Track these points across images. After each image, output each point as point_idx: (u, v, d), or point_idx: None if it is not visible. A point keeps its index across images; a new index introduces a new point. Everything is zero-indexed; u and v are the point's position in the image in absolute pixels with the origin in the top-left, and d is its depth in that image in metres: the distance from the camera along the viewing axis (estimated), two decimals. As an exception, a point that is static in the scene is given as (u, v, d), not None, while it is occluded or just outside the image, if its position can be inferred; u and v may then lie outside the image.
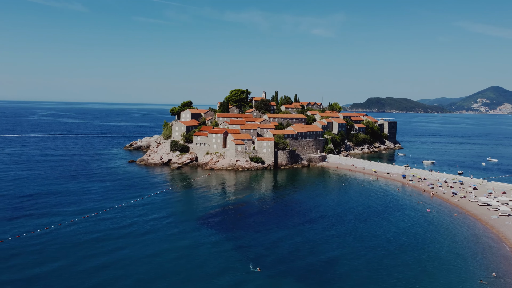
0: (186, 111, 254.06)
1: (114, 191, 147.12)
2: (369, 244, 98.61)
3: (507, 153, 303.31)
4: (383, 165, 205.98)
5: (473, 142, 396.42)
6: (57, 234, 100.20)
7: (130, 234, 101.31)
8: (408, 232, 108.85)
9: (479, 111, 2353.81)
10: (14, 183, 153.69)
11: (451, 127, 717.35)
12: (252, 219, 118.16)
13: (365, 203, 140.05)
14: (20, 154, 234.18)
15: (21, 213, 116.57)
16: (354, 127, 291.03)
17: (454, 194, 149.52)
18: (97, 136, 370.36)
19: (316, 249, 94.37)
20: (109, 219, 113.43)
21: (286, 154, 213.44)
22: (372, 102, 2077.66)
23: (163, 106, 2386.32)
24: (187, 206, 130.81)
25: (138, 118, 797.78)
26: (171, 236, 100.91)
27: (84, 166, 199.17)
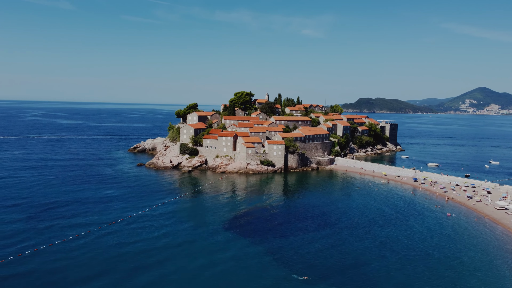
0: (193, 113, 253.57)
1: (134, 197, 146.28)
2: (403, 250, 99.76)
3: (507, 155, 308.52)
4: (392, 168, 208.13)
5: (471, 143, 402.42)
6: (93, 243, 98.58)
7: (169, 245, 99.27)
8: (435, 237, 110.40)
9: (466, 111, 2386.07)
10: (31, 190, 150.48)
11: (444, 128, 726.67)
12: (279, 225, 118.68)
13: (384, 207, 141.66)
14: (26, 157, 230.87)
15: (47, 221, 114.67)
16: (358, 129, 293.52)
17: (469, 198, 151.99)
18: (97, 138, 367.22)
19: (353, 256, 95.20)
20: (140, 227, 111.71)
21: (296, 157, 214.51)
22: (362, 103, 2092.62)
23: (155, 106, 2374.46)
24: (212, 212, 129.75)
25: (132, 119, 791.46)
26: (209, 246, 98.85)
27: (95, 170, 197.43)
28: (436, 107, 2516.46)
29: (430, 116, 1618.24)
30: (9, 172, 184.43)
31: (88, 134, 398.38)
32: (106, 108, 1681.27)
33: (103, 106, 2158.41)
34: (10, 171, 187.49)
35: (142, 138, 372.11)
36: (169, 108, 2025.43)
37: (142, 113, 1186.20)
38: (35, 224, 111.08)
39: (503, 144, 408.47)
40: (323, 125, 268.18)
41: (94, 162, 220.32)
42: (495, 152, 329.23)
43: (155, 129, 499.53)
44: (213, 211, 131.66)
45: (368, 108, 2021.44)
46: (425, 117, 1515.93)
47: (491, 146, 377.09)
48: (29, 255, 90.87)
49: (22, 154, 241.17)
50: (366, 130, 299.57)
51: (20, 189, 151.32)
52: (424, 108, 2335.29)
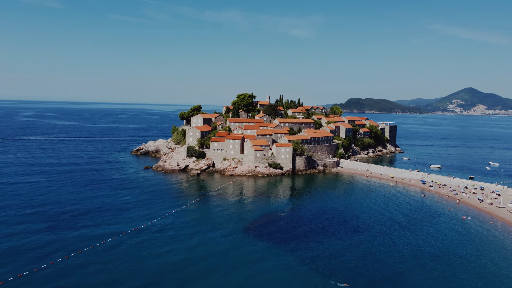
0: (197, 116, 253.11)
1: (151, 202, 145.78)
2: (429, 254, 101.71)
3: (505, 156, 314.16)
4: (399, 170, 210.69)
5: (466, 145, 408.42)
6: (126, 252, 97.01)
7: (206, 254, 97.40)
8: (455, 241, 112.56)
9: (454, 112, 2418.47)
10: (47, 197, 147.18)
11: (437, 128, 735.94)
12: (299, 229, 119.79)
13: (401, 210, 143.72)
14: (32, 161, 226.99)
15: (71, 229, 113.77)
16: (359, 131, 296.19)
17: (480, 201, 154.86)
18: (95, 139, 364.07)
19: (390, 263, 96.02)
20: (171, 235, 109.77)
21: (303, 160, 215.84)
22: (352, 103, 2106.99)
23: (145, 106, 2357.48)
24: (235, 217, 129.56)
25: (126, 119, 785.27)
26: (246, 256, 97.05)
27: (104, 174, 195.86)
28: (424, 107, 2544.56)
29: (420, 117, 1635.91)
30: (19, 177, 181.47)
31: (85, 136, 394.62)
32: (96, 108, 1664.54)
33: (93, 106, 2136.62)
34: (20, 176, 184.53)
35: (141, 139, 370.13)
36: (160, 108, 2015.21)
37: (134, 113, 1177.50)
38: (59, 232, 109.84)
39: (498, 145, 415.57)
40: (326, 127, 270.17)
41: (100, 166, 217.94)
42: (492, 153, 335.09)
43: (152, 130, 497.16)
44: (235, 216, 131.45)
45: (357, 108, 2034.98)
46: (414, 117, 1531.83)
47: (486, 147, 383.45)
48: (61, 262, 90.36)
49: (27, 158, 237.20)
50: (367, 132, 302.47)
51: (36, 195, 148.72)
52: (412, 108, 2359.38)
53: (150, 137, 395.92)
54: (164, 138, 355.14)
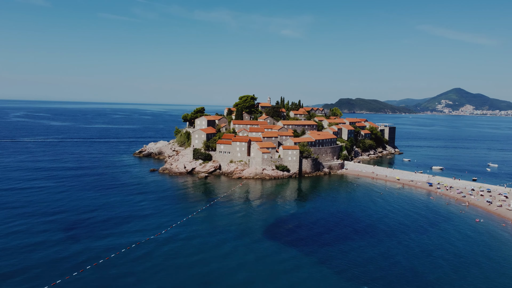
0: (202, 118, 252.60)
1: (165, 206, 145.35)
2: (453, 259, 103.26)
3: (503, 157, 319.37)
4: (405, 172, 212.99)
5: (462, 146, 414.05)
6: (155, 261, 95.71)
7: (239, 263, 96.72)
8: (474, 244, 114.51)
9: (442, 112, 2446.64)
10: (62, 203, 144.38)
11: (429, 129, 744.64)
12: (323, 233, 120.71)
13: (413, 213, 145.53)
14: (36, 164, 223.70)
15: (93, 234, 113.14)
16: (361, 133, 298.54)
17: (489, 203, 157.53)
18: (94, 141, 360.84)
19: (408, 266, 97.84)
20: (200, 243, 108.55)
21: (310, 162, 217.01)
22: (343, 103, 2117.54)
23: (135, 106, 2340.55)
24: (252, 221, 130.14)
25: (119, 120, 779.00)
26: (277, 264, 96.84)
27: (111, 177, 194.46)
28: (413, 107, 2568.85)
29: (410, 117, 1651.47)
30: (29, 182, 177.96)
31: (83, 137, 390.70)
32: (87, 108, 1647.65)
33: (83, 106, 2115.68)
34: (29, 181, 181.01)
35: (140, 141, 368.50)
36: (151, 108, 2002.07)
37: (126, 113, 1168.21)
38: (84, 239, 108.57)
39: (492, 146, 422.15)
40: (329, 129, 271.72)
41: (107, 170, 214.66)
42: (489, 154, 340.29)
43: (149, 131, 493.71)
44: (254, 220, 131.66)
45: (348, 108, 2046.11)
46: (405, 117, 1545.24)
47: (482, 148, 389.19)
48: (90, 270, 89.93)
49: (31, 162, 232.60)
50: (368, 133, 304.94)
51: (51, 201, 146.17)
52: (402, 109, 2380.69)
53: (149, 138, 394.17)
54: (164, 139, 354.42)
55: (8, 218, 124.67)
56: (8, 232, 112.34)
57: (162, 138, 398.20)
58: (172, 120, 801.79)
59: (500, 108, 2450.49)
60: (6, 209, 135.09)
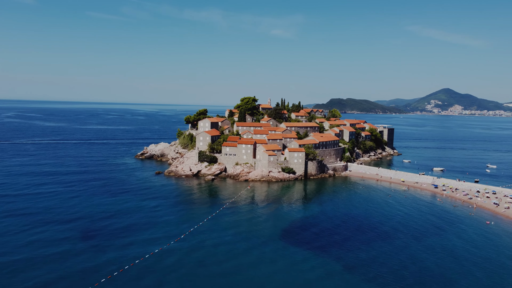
0: (205, 120, 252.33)
1: (179, 211, 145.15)
2: (481, 262, 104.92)
3: (501, 158, 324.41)
4: (409, 174, 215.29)
5: (458, 146, 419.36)
6: (184, 269, 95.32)
7: (270, 270, 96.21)
8: (490, 246, 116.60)
9: (432, 112, 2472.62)
10: (78, 209, 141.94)
11: (422, 129, 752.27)
12: (341, 237, 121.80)
13: (423, 215, 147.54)
14: (41, 168, 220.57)
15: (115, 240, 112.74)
16: (361, 134, 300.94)
17: (496, 205, 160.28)
18: (93, 142, 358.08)
19: (436, 271, 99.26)
20: (227, 250, 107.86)
21: (315, 164, 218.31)
22: (334, 103, 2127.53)
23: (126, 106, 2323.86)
24: (271, 225, 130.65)
25: (113, 120, 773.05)
26: (303, 271, 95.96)
27: (119, 181, 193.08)
28: (403, 107, 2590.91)
29: (401, 117, 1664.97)
30: (38, 187, 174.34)
31: (80, 139, 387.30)
32: (78, 108, 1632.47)
33: (73, 106, 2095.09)
34: (38, 186, 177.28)
35: (139, 142, 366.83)
36: (143, 108, 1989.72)
37: (118, 113, 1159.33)
38: (105, 246, 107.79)
39: (487, 146, 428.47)
40: (330, 131, 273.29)
41: (113, 173, 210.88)
42: (486, 155, 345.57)
43: (146, 132, 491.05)
44: (271, 224, 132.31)
45: (339, 108, 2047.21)
46: (396, 117, 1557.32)
47: (478, 149, 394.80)
48: (117, 276, 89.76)
49: (35, 166, 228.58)
50: (368, 135, 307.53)
51: (66, 208, 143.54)
52: (392, 109, 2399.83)
53: (147, 140, 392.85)
54: (163, 141, 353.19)
55: (26, 225, 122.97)
56: (29, 240, 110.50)
57: (160, 139, 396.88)
58: (166, 121, 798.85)
59: (488, 108, 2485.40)
60: (22, 215, 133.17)
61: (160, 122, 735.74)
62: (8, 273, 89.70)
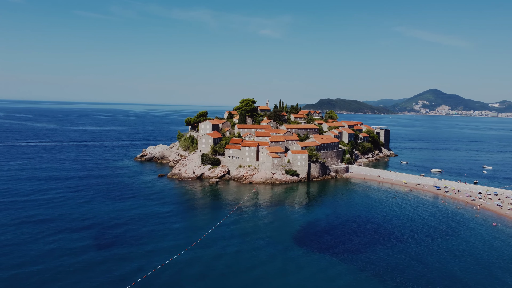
0: (206, 122, 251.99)
1: (189, 214, 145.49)
2: (501, 264, 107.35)
3: (495, 159, 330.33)
4: (411, 176, 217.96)
5: (452, 147, 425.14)
6: (208, 276, 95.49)
7: (302, 277, 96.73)
8: (504, 250, 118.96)
9: (420, 112, 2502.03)
10: (92, 215, 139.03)
11: (413, 130, 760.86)
12: (354, 240, 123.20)
13: (429, 217, 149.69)
14: (43, 172, 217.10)
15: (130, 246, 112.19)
16: (360, 136, 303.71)
17: (500, 207, 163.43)
18: (89, 144, 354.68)
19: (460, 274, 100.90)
20: (248, 257, 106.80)
21: (318, 167, 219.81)
22: (323, 103, 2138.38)
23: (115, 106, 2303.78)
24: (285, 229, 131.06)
25: (104, 121, 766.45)
26: (322, 275, 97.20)
27: (124, 184, 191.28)
28: (391, 108, 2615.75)
29: (390, 117, 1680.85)
30: (44, 193, 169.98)
31: (76, 140, 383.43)
32: (67, 108, 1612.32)
33: (60, 106, 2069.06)
34: (44, 192, 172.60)
35: (136, 144, 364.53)
36: (132, 108, 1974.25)
37: (108, 114, 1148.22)
38: (127, 254, 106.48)
39: (480, 147, 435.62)
40: (330, 132, 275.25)
41: (118, 177, 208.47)
42: (480, 156, 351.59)
43: (140, 134, 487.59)
44: (287, 228, 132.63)
45: (329, 108, 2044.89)
46: (385, 118, 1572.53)
47: (471, 150, 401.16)
48: (141, 282, 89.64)
49: (37, 170, 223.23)
50: (366, 136, 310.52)
51: (77, 214, 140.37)
52: (380, 109, 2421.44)
53: (144, 141, 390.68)
54: (160, 142, 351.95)
55: (41, 232, 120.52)
56: (49, 249, 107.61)
57: (156, 140, 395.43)
58: (158, 122, 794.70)
59: (474, 109, 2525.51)
60: (35, 222, 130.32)
61: (152, 123, 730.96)
62: (35, 284, 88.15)
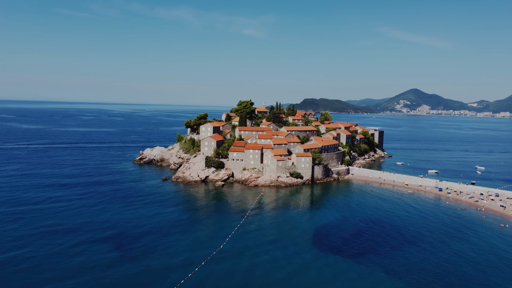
0: (207, 124, 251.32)
1: (206, 221, 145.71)
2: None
3: (486, 159, 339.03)
4: (412, 177, 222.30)
5: (441, 148, 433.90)
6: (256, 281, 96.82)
7: (330, 278, 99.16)
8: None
9: (401, 112, 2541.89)
10: (108, 224, 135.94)
11: (400, 130, 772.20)
12: (367, 241, 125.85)
13: (438, 218, 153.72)
14: (43, 175, 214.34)
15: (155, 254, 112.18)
16: (356, 138, 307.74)
17: (503, 207, 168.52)
18: (83, 146, 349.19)
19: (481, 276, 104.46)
20: (282, 266, 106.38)
21: (321, 169, 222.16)
22: (307, 103, 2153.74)
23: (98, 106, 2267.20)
24: (295, 231, 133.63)
25: (91, 121, 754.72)
26: (343, 277, 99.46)
27: (131, 188, 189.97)
28: (373, 107, 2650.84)
29: (374, 117, 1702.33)
30: (57, 201, 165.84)
31: (68, 142, 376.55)
32: (48, 108, 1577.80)
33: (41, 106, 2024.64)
34: (56, 199, 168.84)
35: (131, 146, 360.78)
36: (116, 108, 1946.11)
37: (93, 114, 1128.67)
38: (151, 261, 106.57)
39: (470, 147, 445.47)
40: (328, 134, 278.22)
41: (123, 182, 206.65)
42: (471, 156, 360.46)
43: (132, 135, 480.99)
44: (300, 231, 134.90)
45: (313, 108, 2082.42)
46: (369, 117, 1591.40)
47: (461, 151, 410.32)
48: None
49: (39, 175, 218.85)
50: (362, 138, 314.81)
51: (93, 220, 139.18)
52: (363, 108, 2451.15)
53: (137, 143, 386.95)
54: (155, 144, 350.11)
55: (63, 243, 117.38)
56: (77, 262, 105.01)
57: (150, 142, 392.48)
58: (147, 122, 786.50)
59: (453, 108, 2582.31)
60: (54, 233, 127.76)
61: (141, 124, 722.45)
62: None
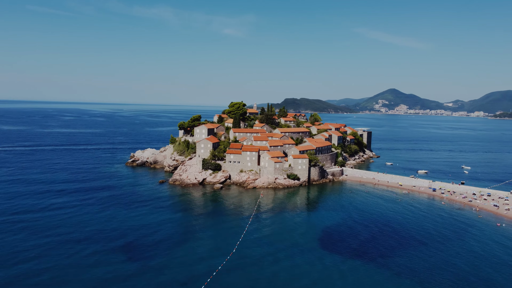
0: (202, 126, 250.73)
1: (211, 224, 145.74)
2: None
3: (471, 159, 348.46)
4: (406, 178, 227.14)
5: (426, 148, 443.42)
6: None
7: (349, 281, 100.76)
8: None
9: (380, 111, 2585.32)
10: (119, 232, 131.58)
11: (382, 130, 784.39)
12: (372, 242, 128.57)
13: (437, 219, 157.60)
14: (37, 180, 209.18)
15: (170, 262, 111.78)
16: (347, 139, 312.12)
17: (496, 207, 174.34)
18: (70, 148, 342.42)
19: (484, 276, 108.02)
20: (301, 273, 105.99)
21: (317, 170, 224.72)
22: (288, 103, 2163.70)
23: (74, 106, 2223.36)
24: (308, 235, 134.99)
25: (73, 122, 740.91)
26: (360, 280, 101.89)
27: (130, 191, 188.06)
28: (353, 107, 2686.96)
29: (354, 117, 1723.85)
30: (61, 208, 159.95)
31: (54, 144, 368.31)
32: (25, 108, 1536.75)
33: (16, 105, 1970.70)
34: (60, 205, 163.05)
35: (119, 148, 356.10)
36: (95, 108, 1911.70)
37: (73, 114, 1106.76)
38: (164, 267, 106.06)
39: (453, 147, 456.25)
40: (321, 136, 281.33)
41: (120, 186, 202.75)
42: (456, 156, 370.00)
43: (118, 136, 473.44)
44: (306, 232, 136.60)
45: (294, 108, 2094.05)
46: (350, 117, 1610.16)
47: (445, 150, 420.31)
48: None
49: (34, 181, 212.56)
50: (352, 139, 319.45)
51: (109, 231, 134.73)
52: (343, 108, 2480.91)
53: (125, 145, 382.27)
54: (145, 146, 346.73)
55: (78, 253, 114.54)
56: (99, 273, 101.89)
57: (139, 143, 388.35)
58: (130, 123, 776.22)
59: (430, 108, 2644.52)
60: (65, 242, 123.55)
61: (125, 125, 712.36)
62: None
